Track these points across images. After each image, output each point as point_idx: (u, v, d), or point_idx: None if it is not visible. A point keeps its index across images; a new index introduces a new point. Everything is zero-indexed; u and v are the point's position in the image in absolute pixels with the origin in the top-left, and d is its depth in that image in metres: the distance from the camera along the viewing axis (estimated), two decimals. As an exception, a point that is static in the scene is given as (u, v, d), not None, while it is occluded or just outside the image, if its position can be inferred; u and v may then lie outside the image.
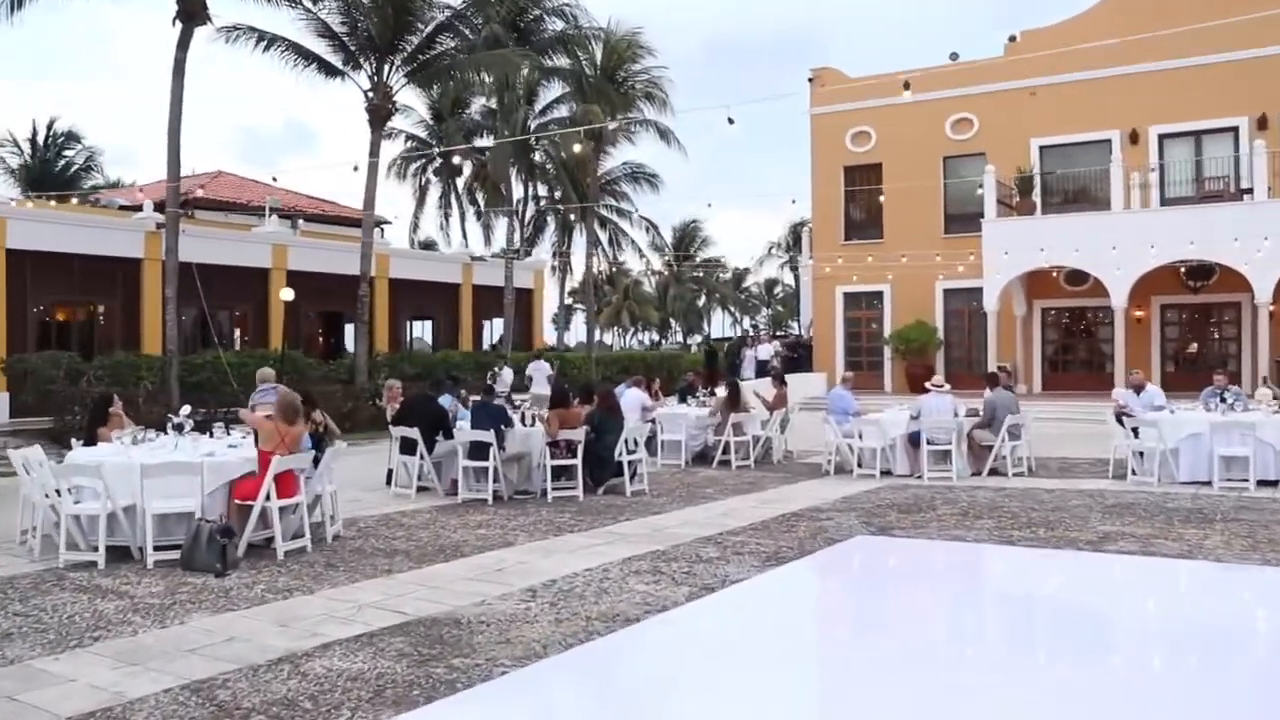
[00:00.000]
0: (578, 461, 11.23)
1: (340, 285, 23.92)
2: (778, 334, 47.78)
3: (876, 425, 13.19)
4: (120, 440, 8.59)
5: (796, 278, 69.38)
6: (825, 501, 10.95)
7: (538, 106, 31.81)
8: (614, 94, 28.16)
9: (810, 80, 30.17)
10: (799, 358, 30.05)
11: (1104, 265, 23.24)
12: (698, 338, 69.80)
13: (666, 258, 58.91)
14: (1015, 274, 24.79)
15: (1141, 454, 12.18)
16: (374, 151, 22.20)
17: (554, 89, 30.47)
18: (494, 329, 31.08)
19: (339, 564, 7.71)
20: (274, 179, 16.60)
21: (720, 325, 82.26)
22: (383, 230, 32.05)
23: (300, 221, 26.50)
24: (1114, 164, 24.12)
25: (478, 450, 10.97)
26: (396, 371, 20.78)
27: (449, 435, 11.39)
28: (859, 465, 13.18)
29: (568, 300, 50.66)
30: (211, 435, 9.12)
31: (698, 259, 69.66)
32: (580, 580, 7.04)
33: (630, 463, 11.69)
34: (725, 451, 14.24)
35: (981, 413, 13.04)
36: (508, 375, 20.59)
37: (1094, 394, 24.36)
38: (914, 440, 12.85)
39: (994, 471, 12.86)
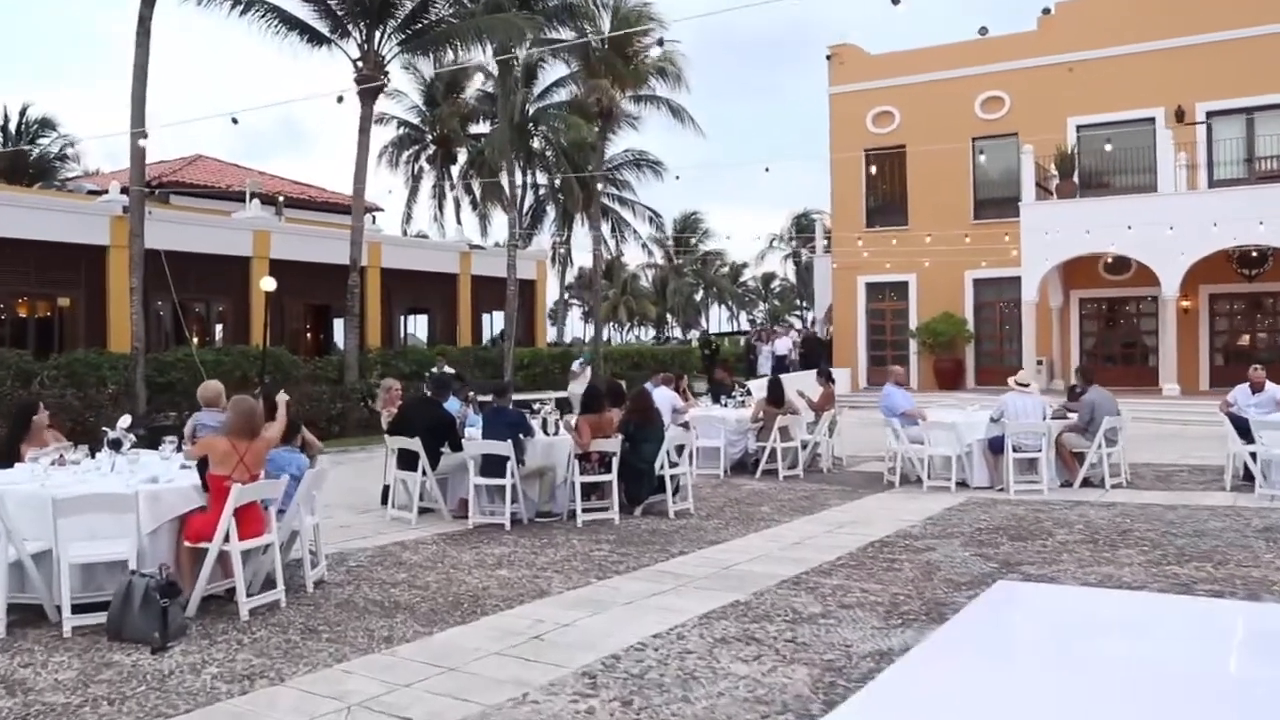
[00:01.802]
0: (612, 477, 9.36)
1: (328, 275, 22.00)
2: (797, 327, 45.78)
3: (951, 430, 11.36)
4: (36, 461, 6.63)
5: (799, 270, 67.62)
6: (910, 523, 9.11)
7: (537, 89, 29.86)
8: (623, 68, 26.19)
9: (828, 58, 28.32)
10: (809, 354, 28.11)
11: (1157, 251, 21.43)
12: (695, 332, 67.97)
13: (668, 249, 57.10)
14: (1057, 261, 22.98)
15: (1258, 460, 10.35)
16: (364, 127, 20.25)
17: (555, 69, 28.54)
18: (494, 322, 29.12)
19: (322, 627, 5.82)
20: (234, 119, 14.03)
21: (718, 320, 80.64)
22: (374, 217, 30.13)
23: (284, 206, 24.50)
24: (1163, 139, 22.32)
25: (492, 465, 9.08)
26: (391, 369, 18.88)
27: (456, 446, 9.49)
28: (928, 475, 11.36)
29: (564, 294, 48.83)
30: (162, 452, 7.21)
31: (699, 251, 67.74)
32: (653, 656, 5.16)
33: (672, 477, 9.83)
34: (771, 460, 12.38)
35: (1078, 414, 11.21)
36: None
37: (1137, 389, 22.57)
38: (995, 447, 11.04)
39: (1085, 482, 11.08)
